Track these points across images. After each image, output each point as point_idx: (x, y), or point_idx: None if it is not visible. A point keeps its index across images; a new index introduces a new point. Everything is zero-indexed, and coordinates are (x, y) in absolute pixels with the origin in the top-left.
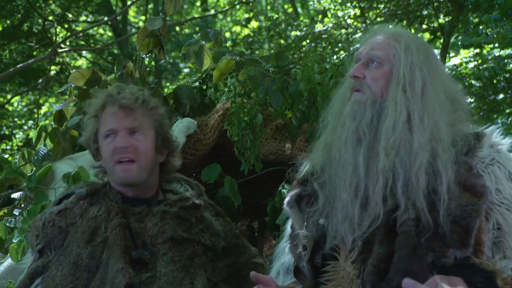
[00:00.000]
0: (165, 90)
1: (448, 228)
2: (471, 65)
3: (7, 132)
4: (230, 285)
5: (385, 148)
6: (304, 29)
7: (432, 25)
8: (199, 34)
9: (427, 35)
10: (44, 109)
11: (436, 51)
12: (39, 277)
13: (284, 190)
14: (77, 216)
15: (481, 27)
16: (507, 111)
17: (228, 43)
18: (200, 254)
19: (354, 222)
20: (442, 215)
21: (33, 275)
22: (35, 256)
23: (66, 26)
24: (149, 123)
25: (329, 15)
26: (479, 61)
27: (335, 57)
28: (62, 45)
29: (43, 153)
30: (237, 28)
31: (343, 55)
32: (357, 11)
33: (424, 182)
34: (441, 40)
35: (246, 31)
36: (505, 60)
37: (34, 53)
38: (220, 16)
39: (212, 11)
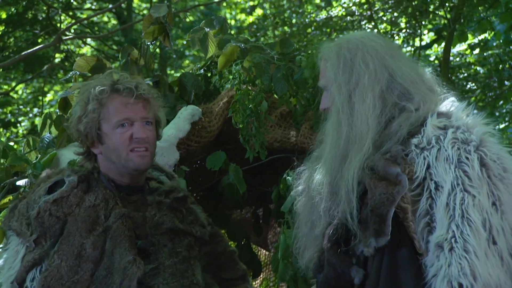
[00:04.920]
0: (169, 78)
1: (369, 219)
2: (476, 51)
3: (12, 120)
4: (208, 273)
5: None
6: (309, 16)
7: (437, 12)
8: (203, 21)
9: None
10: (49, 96)
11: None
12: (34, 268)
13: (288, 178)
14: (74, 205)
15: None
16: None
17: (233, 31)
18: (193, 245)
19: None
20: (355, 207)
21: (29, 268)
22: (29, 246)
23: (70, 13)
24: (154, 113)
25: (334, 4)
26: (483, 45)
27: None
28: (67, 33)
29: (48, 140)
30: (241, 16)
31: None
32: None
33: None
34: (445, 22)
35: (250, 19)
36: (511, 47)
37: (39, 41)
38: (225, 3)
39: None
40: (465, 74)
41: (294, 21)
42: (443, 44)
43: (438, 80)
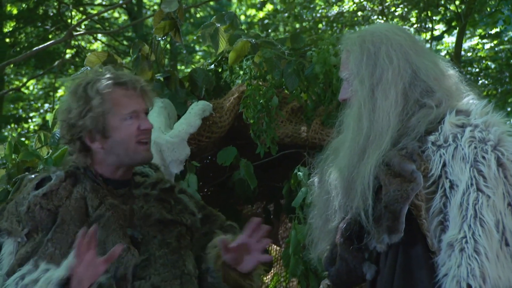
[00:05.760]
0: (180, 73)
1: (383, 215)
2: (487, 46)
3: (23, 115)
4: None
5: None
6: (320, 11)
7: (448, 6)
8: (214, 17)
9: (441, 25)
10: (60, 92)
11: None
12: (28, 262)
13: (299, 173)
14: (64, 198)
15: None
16: None
17: (243, 26)
18: (184, 234)
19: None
20: (371, 205)
21: (22, 261)
22: (20, 241)
23: (81, 9)
24: (149, 104)
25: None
26: (495, 42)
27: None
28: (78, 28)
29: (59, 135)
30: (252, 11)
31: None
32: None
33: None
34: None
35: (261, 14)
36: None
37: (50, 36)
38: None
39: None
40: (477, 69)
41: (305, 16)
42: (454, 38)
43: (461, 76)
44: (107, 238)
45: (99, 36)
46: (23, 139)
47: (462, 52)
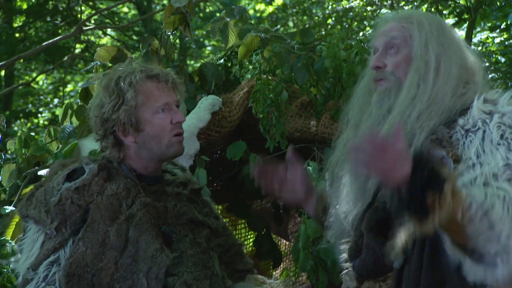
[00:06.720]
0: (189, 68)
1: None
2: (497, 40)
3: (33, 110)
4: (222, 264)
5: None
6: (330, 6)
7: (459, 0)
8: (223, 11)
9: (451, 18)
10: (69, 87)
11: (459, 32)
12: (53, 254)
13: (309, 168)
14: (95, 194)
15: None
16: None
17: (253, 21)
18: (210, 237)
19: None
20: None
21: (49, 256)
22: (49, 234)
23: (90, 3)
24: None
25: None
26: (505, 36)
27: (361, 33)
28: (87, 23)
29: (69, 130)
30: (261, 6)
31: (369, 32)
32: None
33: None
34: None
35: (270, 9)
36: None
37: (59, 31)
38: None
39: None
40: (487, 64)
41: (314, 11)
42: (463, 31)
43: (485, 68)
44: (140, 237)
45: (109, 31)
46: (33, 133)
47: (472, 46)
